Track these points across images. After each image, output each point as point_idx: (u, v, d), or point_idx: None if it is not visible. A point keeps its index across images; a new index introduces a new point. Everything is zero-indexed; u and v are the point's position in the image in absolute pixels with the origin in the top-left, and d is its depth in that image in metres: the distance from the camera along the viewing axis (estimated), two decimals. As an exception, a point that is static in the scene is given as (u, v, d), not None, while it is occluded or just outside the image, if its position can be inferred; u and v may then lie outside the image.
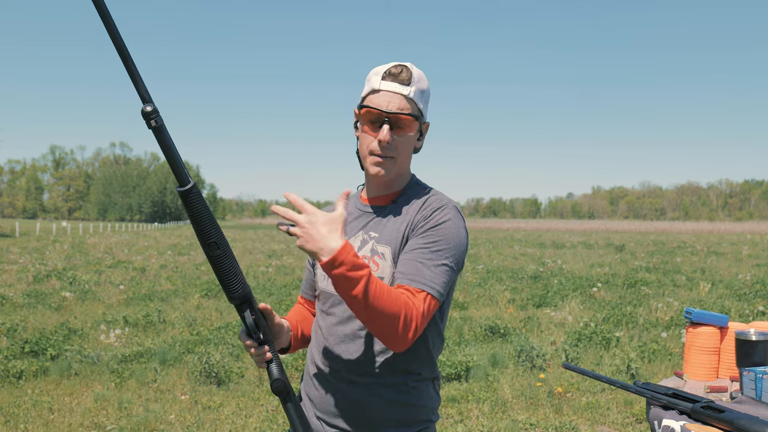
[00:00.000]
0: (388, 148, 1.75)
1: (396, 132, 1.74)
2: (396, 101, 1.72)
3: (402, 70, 1.73)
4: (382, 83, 1.73)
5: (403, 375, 1.78)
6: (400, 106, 1.73)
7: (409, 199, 1.84)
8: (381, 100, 1.73)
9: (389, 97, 1.73)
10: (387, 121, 1.72)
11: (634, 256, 24.92)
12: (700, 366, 2.50)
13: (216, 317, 10.21)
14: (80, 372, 6.82)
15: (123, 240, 39.15)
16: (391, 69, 1.74)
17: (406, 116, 1.73)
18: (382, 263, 1.76)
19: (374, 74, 1.77)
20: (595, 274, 16.73)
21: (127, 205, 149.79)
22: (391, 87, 1.73)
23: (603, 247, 32.26)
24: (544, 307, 11.34)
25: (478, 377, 6.64)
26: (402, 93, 1.73)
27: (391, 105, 1.72)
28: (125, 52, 1.41)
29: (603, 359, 7.39)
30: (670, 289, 13.85)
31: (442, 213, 1.76)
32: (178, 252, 26.54)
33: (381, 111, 1.72)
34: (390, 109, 1.72)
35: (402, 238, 1.77)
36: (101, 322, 9.39)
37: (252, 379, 6.62)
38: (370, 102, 1.75)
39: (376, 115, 1.73)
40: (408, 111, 1.74)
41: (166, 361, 7.21)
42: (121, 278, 15.65)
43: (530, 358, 7.13)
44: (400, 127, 1.74)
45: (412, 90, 1.74)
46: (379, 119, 1.73)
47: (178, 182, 1.46)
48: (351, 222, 1.88)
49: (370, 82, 1.77)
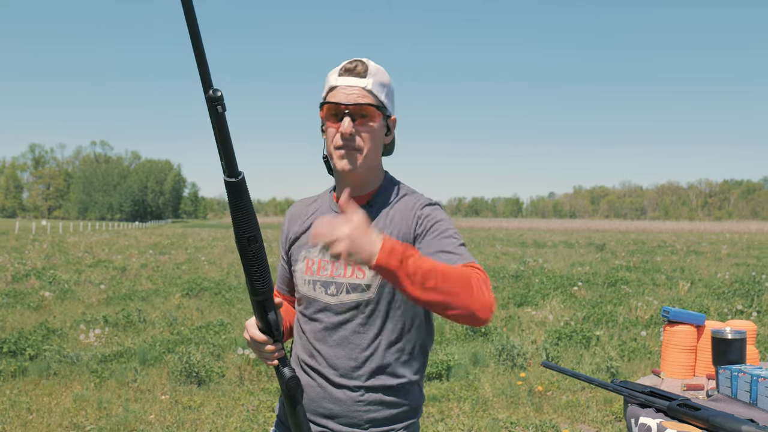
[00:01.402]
0: (351, 140, 1.73)
1: (358, 123, 1.73)
2: (355, 93, 1.72)
3: (357, 64, 1.74)
4: (338, 79, 1.74)
5: (394, 377, 1.78)
6: (358, 98, 1.72)
7: (386, 200, 1.83)
8: (339, 95, 1.73)
9: (347, 90, 1.73)
10: (348, 113, 1.72)
11: (614, 256, 25.09)
12: (677, 364, 2.52)
13: (197, 317, 10.16)
14: (59, 372, 6.75)
15: (103, 239, 38.83)
16: (346, 65, 1.75)
17: (366, 106, 1.72)
18: (367, 271, 1.75)
19: (331, 74, 1.78)
20: (576, 273, 16.83)
21: (107, 204, 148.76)
22: (347, 81, 1.73)
23: (584, 247, 32.46)
24: (525, 306, 11.39)
25: (459, 376, 6.66)
26: (359, 85, 1.73)
27: (350, 97, 1.72)
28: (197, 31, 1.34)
29: (583, 358, 7.43)
30: (650, 288, 13.96)
31: (432, 216, 1.75)
32: (159, 251, 26.36)
33: (340, 104, 1.72)
34: (349, 101, 1.72)
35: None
36: (81, 321, 9.31)
37: (233, 379, 6.60)
38: (329, 99, 1.75)
39: (336, 108, 1.73)
40: (368, 101, 1.73)
41: (146, 361, 7.16)
42: (102, 277, 15.52)
43: (511, 356, 7.16)
44: (362, 116, 1.73)
45: (369, 82, 1.73)
46: (340, 112, 1.73)
47: (229, 172, 1.43)
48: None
49: (328, 81, 1.77)
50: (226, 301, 11.62)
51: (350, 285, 1.75)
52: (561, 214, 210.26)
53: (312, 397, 1.80)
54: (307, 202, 1.96)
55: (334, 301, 1.77)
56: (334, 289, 1.77)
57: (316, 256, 1.81)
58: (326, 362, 1.78)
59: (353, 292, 1.75)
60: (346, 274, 1.76)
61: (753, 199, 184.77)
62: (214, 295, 12.33)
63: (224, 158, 1.42)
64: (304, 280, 1.82)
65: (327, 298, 1.78)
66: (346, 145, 1.73)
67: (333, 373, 1.77)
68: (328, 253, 1.42)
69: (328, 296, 1.78)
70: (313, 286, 1.79)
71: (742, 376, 1.98)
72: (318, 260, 1.81)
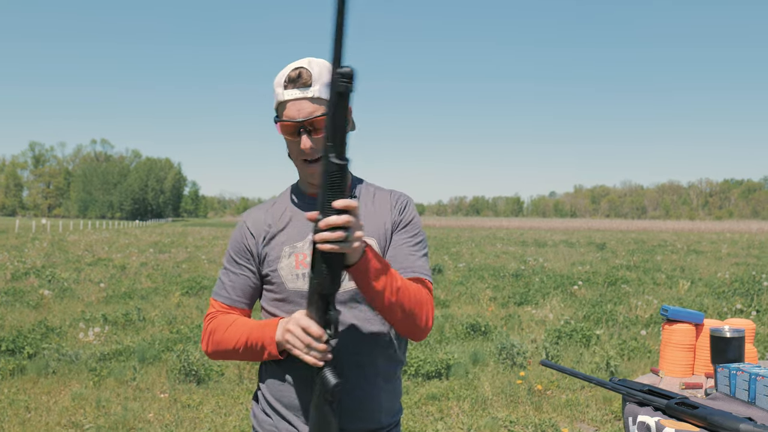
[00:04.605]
0: (312, 154, 1.74)
1: (315, 135, 1.73)
2: (305, 107, 1.71)
3: (300, 72, 1.72)
4: (285, 93, 1.73)
5: (393, 364, 1.84)
6: (310, 110, 1.71)
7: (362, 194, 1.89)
8: (291, 111, 1.72)
9: (296, 105, 1.71)
10: (303, 129, 1.72)
11: (615, 255, 25.09)
12: (675, 363, 2.51)
13: (196, 315, 10.16)
14: (58, 370, 6.75)
15: (103, 237, 38.82)
16: (290, 74, 1.72)
17: (318, 118, 1.71)
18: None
19: (276, 86, 1.75)
20: (577, 273, 16.82)
21: (107, 203, 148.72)
22: (294, 94, 1.71)
23: (584, 246, 32.45)
24: (526, 305, 11.38)
25: (458, 375, 6.66)
26: (307, 96, 1.71)
27: (300, 112, 1.71)
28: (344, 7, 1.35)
29: (583, 356, 7.43)
30: (650, 287, 13.96)
31: (411, 209, 1.89)
32: (159, 250, 26.36)
33: (294, 122, 1.71)
34: (301, 117, 1.71)
35: (385, 232, 1.83)
36: (80, 320, 9.31)
37: (232, 377, 6.60)
38: (281, 116, 1.75)
39: (291, 126, 1.73)
40: (320, 112, 1.71)
41: (145, 360, 7.16)
42: (101, 276, 15.52)
43: (511, 355, 7.16)
44: (317, 129, 1.72)
45: (316, 89, 1.71)
46: (296, 129, 1.73)
47: (338, 154, 1.42)
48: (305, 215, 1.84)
49: (276, 96, 1.76)
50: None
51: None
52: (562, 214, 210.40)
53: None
54: (266, 207, 1.92)
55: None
56: None
57: (306, 249, 1.79)
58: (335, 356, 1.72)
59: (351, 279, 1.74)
60: None
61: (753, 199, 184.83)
62: (213, 294, 12.31)
63: (337, 138, 1.41)
64: (295, 275, 1.78)
65: None
66: (310, 158, 1.75)
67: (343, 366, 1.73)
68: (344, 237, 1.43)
69: None
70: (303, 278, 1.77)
71: (740, 375, 1.98)
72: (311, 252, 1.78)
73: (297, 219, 1.85)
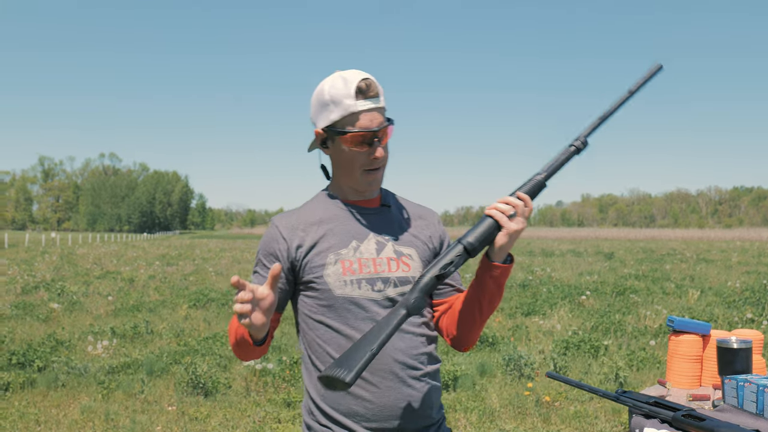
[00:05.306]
0: (383, 161, 1.83)
1: (382, 143, 1.80)
2: (377, 117, 1.78)
3: (369, 84, 1.76)
4: (357, 104, 1.76)
5: (436, 362, 1.90)
6: (380, 120, 1.79)
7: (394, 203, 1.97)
8: (364, 122, 1.76)
9: (369, 116, 1.77)
10: (378, 139, 1.79)
11: (623, 264, 25.00)
12: (682, 374, 2.50)
13: (204, 327, 10.17)
14: (67, 384, 6.77)
15: (112, 251, 38.96)
16: (360, 85, 1.75)
17: (387, 128, 1.80)
18: (413, 264, 1.86)
19: (344, 97, 1.76)
20: (584, 282, 16.77)
21: (116, 216, 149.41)
22: (367, 105, 1.76)
23: (592, 255, 32.35)
24: (533, 316, 11.35)
25: (465, 386, 6.64)
26: (378, 106, 1.78)
27: (374, 122, 1.77)
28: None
29: (591, 368, 7.40)
30: (659, 297, 13.90)
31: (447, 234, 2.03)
32: (166, 262, 26.43)
33: (371, 132, 1.77)
34: (375, 127, 1.77)
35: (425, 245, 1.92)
36: (89, 333, 9.33)
37: (239, 390, 6.60)
38: (352, 127, 1.77)
39: (367, 136, 1.77)
40: (385, 122, 1.81)
41: (153, 372, 7.17)
42: (110, 289, 15.57)
43: (518, 367, 7.14)
44: (383, 138, 1.80)
45: (382, 99, 1.80)
46: (369, 139, 1.78)
47: (545, 178, 1.77)
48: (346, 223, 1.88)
49: (342, 106, 1.76)
50: (233, 312, 11.61)
51: (398, 279, 1.82)
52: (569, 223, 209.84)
53: (384, 404, 1.78)
54: (299, 213, 1.92)
55: (381, 296, 1.80)
56: (380, 285, 1.81)
57: (351, 256, 1.82)
58: (391, 359, 1.78)
59: (401, 285, 1.82)
60: (391, 268, 1.83)
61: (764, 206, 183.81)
62: (221, 306, 12.35)
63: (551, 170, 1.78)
64: (343, 282, 1.80)
65: (374, 294, 1.80)
66: (377, 167, 1.83)
67: (400, 368, 1.80)
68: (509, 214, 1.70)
69: (374, 292, 1.80)
70: (358, 284, 1.79)
71: (748, 386, 1.97)
72: (357, 259, 1.82)
73: (337, 226, 1.87)
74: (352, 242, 1.84)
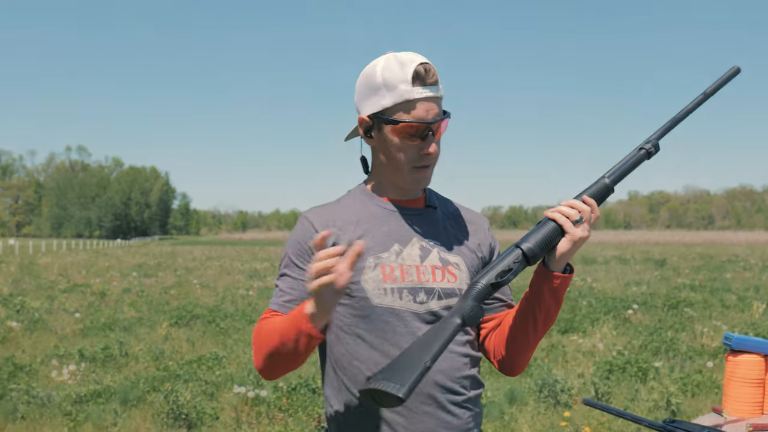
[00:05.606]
0: (434, 157, 1.83)
1: (436, 138, 1.81)
2: (434, 108, 1.77)
3: (428, 69, 1.76)
4: (414, 91, 1.75)
5: (479, 387, 1.91)
6: (437, 112, 1.78)
7: (445, 207, 1.99)
8: (420, 111, 1.76)
9: (426, 105, 1.76)
10: (433, 132, 1.79)
11: (676, 273, 24.92)
12: (741, 400, 2.50)
13: (187, 349, 10.22)
14: (27, 415, 6.81)
15: (80, 260, 39.15)
16: (418, 70, 1.75)
17: (443, 121, 1.81)
18: (459, 274, 1.86)
19: (399, 81, 1.75)
20: (631, 294, 16.73)
21: (85, 219, 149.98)
22: (425, 93, 1.75)
23: (640, 262, 32.26)
24: (571, 333, 11.33)
25: (492, 416, 6.64)
26: (437, 96, 1.78)
27: (430, 113, 1.77)
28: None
29: (639, 393, 7.39)
30: (719, 311, 13.85)
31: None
32: (144, 273, 26.55)
33: (426, 123, 1.76)
34: (431, 119, 1.77)
35: (474, 254, 1.94)
36: (53, 356, 9.39)
37: (228, 422, 6.63)
38: (406, 115, 1.76)
39: (420, 129, 1.77)
40: (441, 114, 1.81)
41: (127, 401, 7.21)
42: (77, 305, 15.64)
43: (553, 393, 7.13)
44: (437, 132, 1.81)
45: (441, 88, 1.80)
46: (423, 131, 1.78)
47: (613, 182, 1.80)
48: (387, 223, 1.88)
49: (397, 91, 1.76)
50: (221, 330, 11.68)
51: (443, 290, 1.81)
52: (614, 225, 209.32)
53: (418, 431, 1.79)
54: (334, 208, 1.92)
55: (423, 309, 1.79)
56: (423, 296, 1.80)
57: (393, 261, 1.82)
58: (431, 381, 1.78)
59: (446, 297, 1.81)
60: (436, 278, 1.82)
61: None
62: (207, 324, 12.39)
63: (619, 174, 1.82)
64: (382, 290, 1.79)
65: (416, 306, 1.79)
66: (428, 163, 1.83)
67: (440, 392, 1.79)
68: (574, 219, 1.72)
69: (416, 304, 1.79)
70: (399, 294, 1.79)
71: (816, 414, 1.97)
72: (399, 265, 1.81)
73: (377, 227, 1.87)
74: (394, 246, 1.84)
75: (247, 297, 17.34)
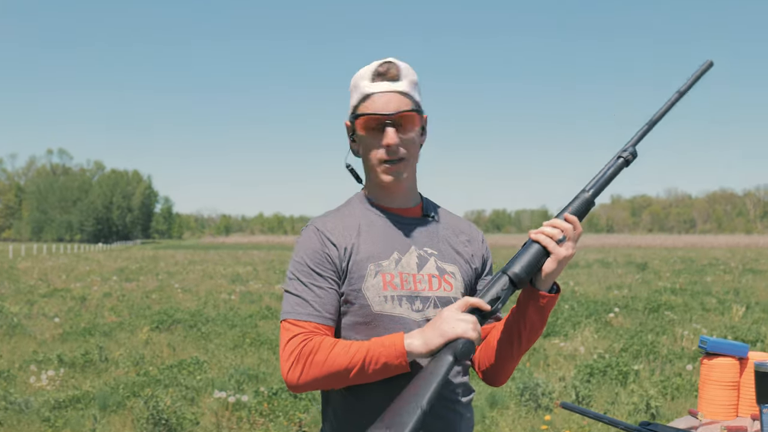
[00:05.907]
0: (397, 151, 1.84)
1: (401, 132, 1.83)
2: (393, 100, 1.82)
3: (389, 66, 1.83)
4: (372, 86, 1.83)
5: (470, 392, 1.97)
6: (398, 104, 1.82)
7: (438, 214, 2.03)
8: (378, 104, 1.82)
9: (384, 98, 1.82)
10: (389, 123, 1.81)
11: (658, 276, 25.07)
12: (716, 403, 2.52)
13: (168, 354, 10.17)
14: (5, 421, 6.76)
15: (61, 264, 38.91)
16: (378, 68, 1.83)
17: (407, 113, 1.83)
18: (455, 283, 1.90)
19: (360, 79, 1.86)
20: (613, 298, 16.82)
21: (65, 223, 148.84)
22: (383, 87, 1.82)
23: (622, 266, 32.42)
24: (552, 337, 11.37)
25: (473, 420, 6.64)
26: (397, 90, 1.83)
27: (389, 105, 1.81)
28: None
29: (619, 397, 7.42)
30: (699, 314, 13.94)
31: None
32: (125, 277, 26.41)
33: (380, 114, 1.80)
34: (389, 111, 1.81)
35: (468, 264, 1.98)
36: (31, 361, 9.33)
37: (208, 427, 6.60)
38: (365, 109, 1.84)
39: (376, 120, 1.82)
40: (408, 107, 1.83)
41: (107, 407, 7.17)
42: (57, 309, 15.54)
43: (534, 396, 7.15)
44: (403, 125, 1.84)
45: (404, 84, 1.84)
46: (380, 124, 1.82)
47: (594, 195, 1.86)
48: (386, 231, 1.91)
49: (359, 89, 1.86)
50: (203, 335, 11.63)
51: (438, 299, 1.86)
52: (596, 228, 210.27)
53: None
54: (338, 216, 1.95)
55: (420, 317, 1.83)
56: (419, 304, 1.84)
57: (393, 269, 1.85)
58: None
59: (442, 306, 1.84)
60: (433, 287, 1.86)
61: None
62: (188, 329, 12.34)
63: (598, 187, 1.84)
64: (383, 297, 1.83)
65: (413, 314, 1.83)
66: (391, 158, 1.84)
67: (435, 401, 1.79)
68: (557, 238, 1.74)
69: (414, 312, 1.83)
70: (399, 301, 1.83)
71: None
72: (399, 273, 1.85)
73: (374, 234, 1.90)
74: (393, 253, 1.88)
75: (229, 301, 17.30)
